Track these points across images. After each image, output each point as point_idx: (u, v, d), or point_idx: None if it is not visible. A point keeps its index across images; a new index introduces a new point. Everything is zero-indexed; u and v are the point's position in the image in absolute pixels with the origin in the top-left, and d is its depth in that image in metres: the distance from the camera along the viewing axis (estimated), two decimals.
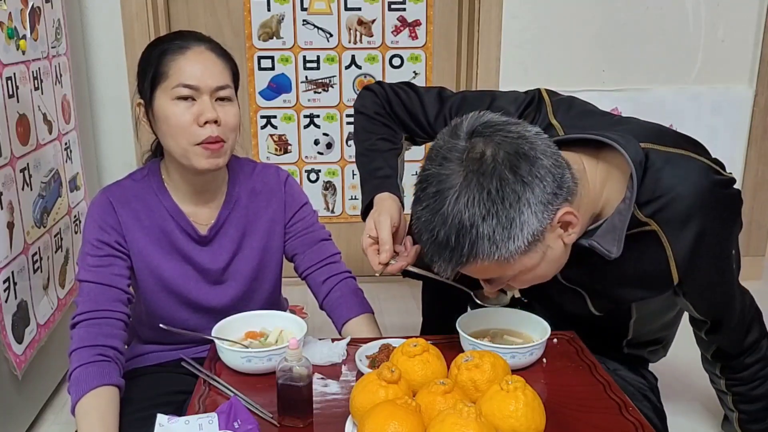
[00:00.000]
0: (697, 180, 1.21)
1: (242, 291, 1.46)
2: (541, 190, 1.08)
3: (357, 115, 1.57)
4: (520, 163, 1.07)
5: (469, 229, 1.06)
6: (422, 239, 1.13)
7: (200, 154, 1.32)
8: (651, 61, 2.47)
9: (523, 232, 1.08)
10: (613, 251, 1.22)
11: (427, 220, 1.10)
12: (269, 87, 2.53)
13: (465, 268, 1.13)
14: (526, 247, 1.09)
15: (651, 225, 1.22)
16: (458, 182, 1.07)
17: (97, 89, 2.37)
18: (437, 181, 1.09)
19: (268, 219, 1.48)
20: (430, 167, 1.12)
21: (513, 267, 1.13)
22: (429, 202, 1.10)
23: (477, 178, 1.06)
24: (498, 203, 1.06)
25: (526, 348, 1.24)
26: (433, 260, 1.13)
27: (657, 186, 1.21)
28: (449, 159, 1.09)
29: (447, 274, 1.14)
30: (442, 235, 1.08)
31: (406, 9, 2.49)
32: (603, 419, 1.12)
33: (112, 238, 1.36)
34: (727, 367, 1.47)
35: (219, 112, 1.32)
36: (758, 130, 2.57)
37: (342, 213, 2.67)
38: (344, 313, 1.48)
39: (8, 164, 1.57)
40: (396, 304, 2.44)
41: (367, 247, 1.30)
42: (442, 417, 0.95)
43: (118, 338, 1.31)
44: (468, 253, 1.08)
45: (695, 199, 1.20)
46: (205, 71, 1.31)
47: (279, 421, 1.11)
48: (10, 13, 1.60)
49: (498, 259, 1.09)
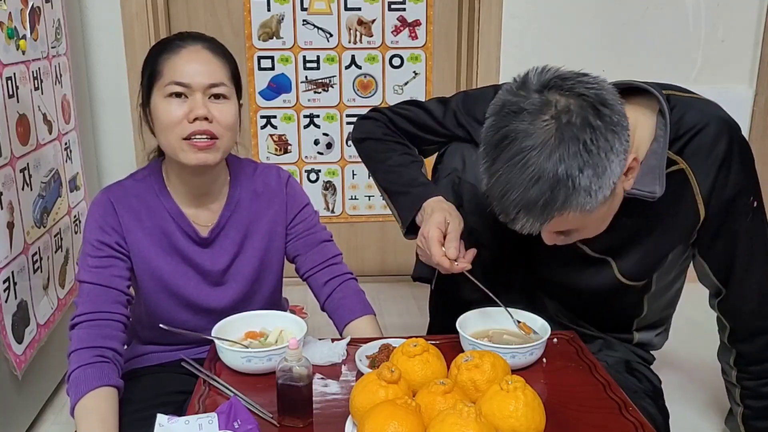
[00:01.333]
0: (717, 115, 1.29)
1: (243, 292, 1.46)
2: (623, 136, 1.10)
3: (364, 142, 1.57)
4: (605, 110, 1.07)
5: (566, 181, 1.06)
6: (507, 198, 1.09)
7: (188, 149, 1.31)
8: (651, 61, 2.46)
9: (610, 180, 1.09)
10: (657, 190, 1.24)
11: (514, 176, 1.07)
12: (269, 87, 2.53)
13: (546, 225, 1.12)
14: (608, 195, 1.10)
15: (679, 163, 1.27)
16: (550, 135, 1.05)
17: (97, 89, 2.37)
18: (522, 136, 1.07)
19: (269, 220, 1.48)
20: (504, 124, 1.09)
21: (591, 217, 1.13)
22: (516, 159, 1.07)
23: (570, 130, 1.05)
24: (594, 153, 1.06)
25: (526, 348, 1.24)
26: (517, 219, 1.11)
27: (681, 125, 1.26)
28: (527, 113, 1.07)
29: (530, 230, 1.13)
30: (535, 190, 1.06)
31: (406, 9, 2.49)
32: (603, 419, 1.12)
33: (113, 238, 1.36)
34: (741, 356, 1.45)
35: (213, 110, 1.31)
36: (758, 130, 2.57)
37: (342, 213, 2.67)
38: (346, 315, 1.48)
39: (8, 164, 1.57)
40: (396, 305, 2.44)
41: (433, 237, 1.29)
42: (442, 417, 0.95)
43: (117, 339, 1.30)
44: (561, 206, 1.07)
45: (718, 130, 1.27)
46: (198, 69, 1.31)
47: (279, 421, 1.11)
48: (10, 13, 1.60)
49: (588, 210, 1.09)
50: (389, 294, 2.46)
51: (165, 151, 1.36)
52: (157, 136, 1.36)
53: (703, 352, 2.04)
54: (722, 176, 1.28)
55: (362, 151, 1.58)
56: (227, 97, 1.34)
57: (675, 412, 1.54)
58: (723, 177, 1.28)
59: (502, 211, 1.13)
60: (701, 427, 1.76)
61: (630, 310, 1.51)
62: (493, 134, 1.11)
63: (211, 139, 1.31)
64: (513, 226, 1.14)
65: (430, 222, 1.32)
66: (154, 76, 1.33)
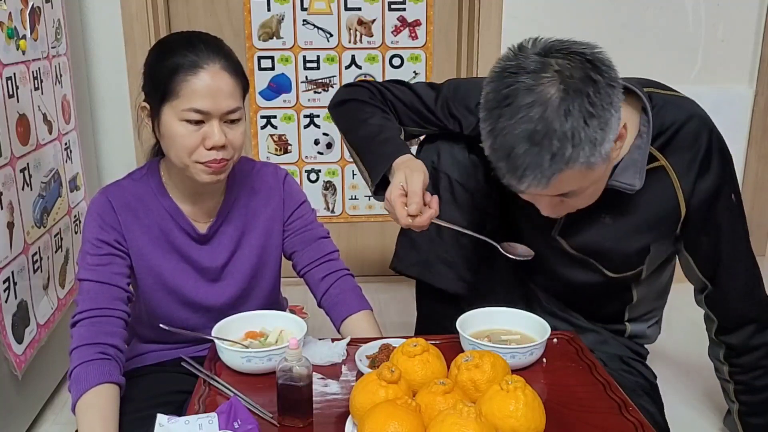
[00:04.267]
0: (696, 112, 1.33)
1: (241, 289, 1.46)
2: (618, 93, 1.14)
3: (345, 104, 1.54)
4: (602, 66, 1.13)
5: (573, 133, 1.09)
6: (514, 155, 1.12)
7: (201, 171, 1.31)
8: (651, 60, 2.46)
9: (611, 135, 1.14)
10: (636, 183, 1.28)
11: (521, 133, 1.10)
12: (269, 87, 2.53)
13: (553, 181, 1.13)
14: (609, 152, 1.15)
15: (660, 160, 1.31)
16: (554, 90, 1.09)
17: (97, 89, 2.37)
18: (526, 93, 1.10)
19: (267, 217, 1.48)
20: (505, 85, 1.12)
21: (591, 176, 1.17)
22: (522, 115, 1.10)
23: (573, 84, 1.09)
24: (597, 105, 1.10)
25: (526, 348, 1.24)
26: (524, 177, 1.13)
27: (662, 122, 1.31)
28: (528, 72, 1.11)
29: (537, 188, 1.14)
30: (543, 144, 1.10)
31: (406, 9, 2.49)
32: (603, 419, 1.12)
33: (112, 237, 1.36)
34: (730, 349, 1.46)
35: (228, 134, 1.29)
36: (758, 130, 2.57)
37: (342, 213, 2.67)
38: (343, 310, 1.48)
39: (8, 164, 1.57)
40: (396, 304, 2.44)
41: (395, 198, 1.29)
42: (442, 417, 0.95)
43: (119, 336, 1.31)
44: (568, 159, 1.10)
45: (697, 126, 1.31)
46: (217, 95, 1.27)
47: (279, 421, 1.11)
48: (10, 13, 1.60)
49: (593, 164, 1.13)
50: (389, 294, 2.46)
51: (173, 163, 1.33)
52: (166, 149, 1.34)
53: (702, 352, 2.05)
54: (703, 171, 1.31)
55: (341, 112, 1.56)
56: (240, 119, 1.32)
57: (674, 412, 1.54)
58: (704, 172, 1.31)
59: (509, 171, 1.14)
60: (700, 427, 1.76)
61: (620, 298, 1.53)
62: (495, 96, 1.14)
63: (224, 161, 1.31)
64: (519, 186, 1.15)
65: (392, 184, 1.32)
66: (168, 95, 1.27)
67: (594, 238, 1.38)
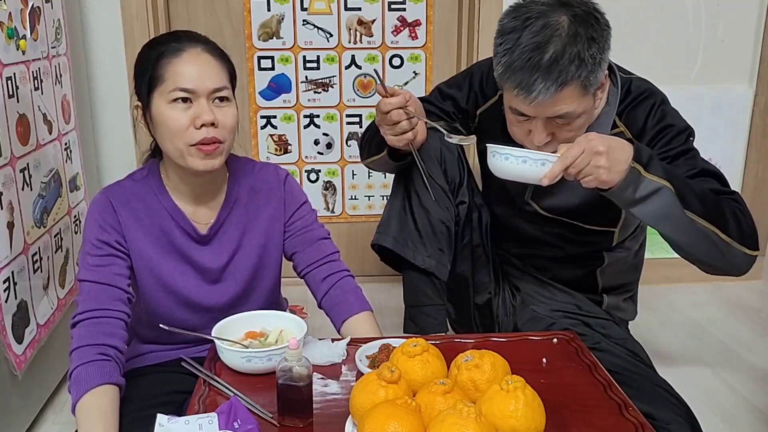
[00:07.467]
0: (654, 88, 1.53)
1: (241, 290, 1.46)
2: (609, 39, 1.37)
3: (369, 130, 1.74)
4: (599, 15, 1.37)
5: (580, 52, 1.31)
6: (531, 62, 1.31)
7: (195, 155, 1.32)
8: (651, 61, 2.46)
9: (604, 66, 1.37)
10: None
11: (536, 44, 1.31)
12: (269, 87, 2.53)
13: (557, 95, 1.32)
14: (601, 79, 1.37)
15: (620, 127, 1.50)
16: (564, 17, 1.33)
17: (97, 89, 2.37)
18: (541, 17, 1.33)
19: (267, 218, 1.49)
20: (523, 11, 1.35)
21: (584, 102, 1.37)
22: (538, 33, 1.32)
23: (580, 16, 1.33)
24: (599, 32, 1.34)
25: (553, 155, 1.31)
26: (535, 84, 1.31)
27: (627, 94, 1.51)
28: (543, 4, 1.34)
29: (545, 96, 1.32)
30: (554, 54, 1.30)
31: (406, 9, 2.49)
32: (603, 419, 1.12)
33: (112, 237, 1.36)
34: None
35: (217, 114, 1.32)
36: (758, 130, 2.57)
37: (342, 213, 2.67)
38: (343, 311, 1.48)
39: (8, 164, 1.57)
40: (396, 305, 2.43)
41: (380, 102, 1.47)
42: (442, 417, 0.95)
43: (119, 337, 1.31)
44: (574, 71, 1.31)
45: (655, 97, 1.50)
46: (201, 74, 1.31)
47: (279, 421, 1.11)
48: (10, 13, 1.60)
49: (591, 83, 1.35)
50: (389, 294, 2.46)
51: (169, 155, 1.36)
52: (160, 141, 1.36)
53: (703, 352, 2.05)
54: (651, 118, 1.48)
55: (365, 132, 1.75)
56: (229, 99, 1.35)
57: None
58: (652, 118, 1.48)
59: (523, 80, 1.32)
60: None
61: (592, 260, 1.65)
62: (511, 22, 1.35)
63: (217, 144, 1.32)
64: (528, 92, 1.32)
65: None
66: (154, 81, 1.32)
67: (564, 198, 1.55)
